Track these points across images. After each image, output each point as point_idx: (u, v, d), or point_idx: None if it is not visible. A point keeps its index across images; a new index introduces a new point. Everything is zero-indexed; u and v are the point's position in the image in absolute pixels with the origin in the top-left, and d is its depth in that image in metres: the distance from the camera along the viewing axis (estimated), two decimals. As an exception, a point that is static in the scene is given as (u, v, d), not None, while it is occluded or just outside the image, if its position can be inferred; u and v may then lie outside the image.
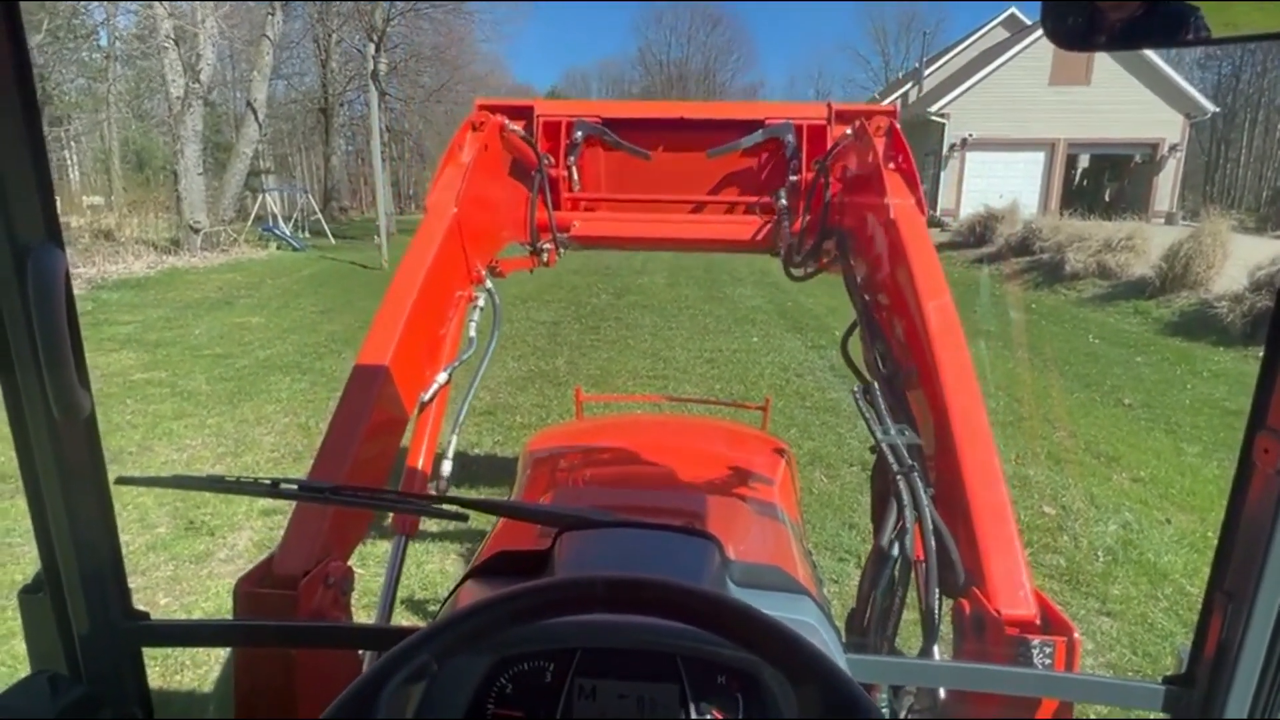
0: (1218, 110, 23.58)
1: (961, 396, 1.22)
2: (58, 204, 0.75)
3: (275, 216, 18.94)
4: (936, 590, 1.02)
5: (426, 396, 1.46)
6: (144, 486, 0.87)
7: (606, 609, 0.58)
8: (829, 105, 2.09)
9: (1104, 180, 23.47)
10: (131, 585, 0.86)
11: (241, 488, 0.85)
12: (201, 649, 2.64)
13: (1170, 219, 18.84)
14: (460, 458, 1.60)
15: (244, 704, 1.00)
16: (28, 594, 0.83)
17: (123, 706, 0.81)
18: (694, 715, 0.72)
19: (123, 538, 0.86)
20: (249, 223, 17.76)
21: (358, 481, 1.09)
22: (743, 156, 2.12)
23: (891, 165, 1.59)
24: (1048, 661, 0.88)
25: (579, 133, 2.13)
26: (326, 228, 20.18)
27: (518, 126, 1.96)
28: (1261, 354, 0.70)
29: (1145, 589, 3.29)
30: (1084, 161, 23.60)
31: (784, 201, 2.07)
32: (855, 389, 1.28)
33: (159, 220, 15.39)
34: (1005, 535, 1.07)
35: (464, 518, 0.85)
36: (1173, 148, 20.56)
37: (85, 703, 0.77)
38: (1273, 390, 0.69)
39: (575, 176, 2.17)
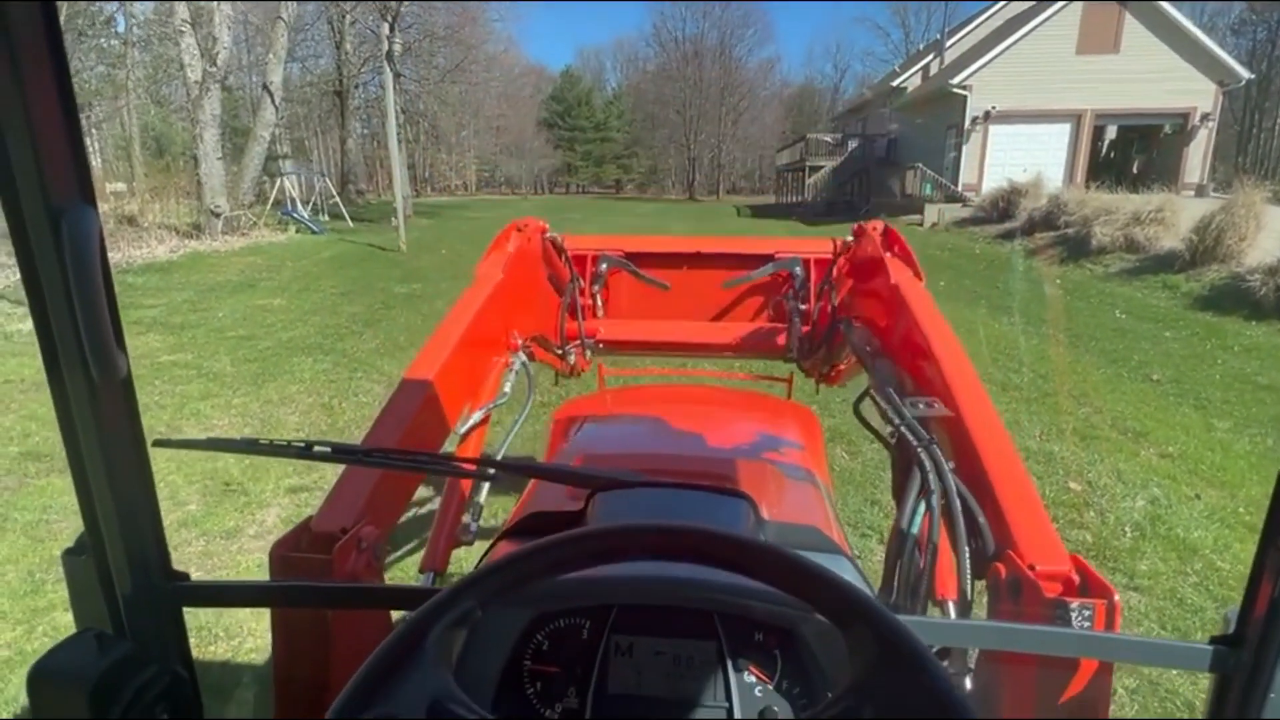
0: (1252, 77, 22.77)
1: (975, 405, 1.26)
2: (104, 236, 0.75)
3: (293, 200, 19.03)
4: (966, 550, 1.01)
5: (462, 429, 1.55)
6: (180, 449, 0.88)
7: (656, 556, 0.57)
8: (834, 241, 2.28)
9: (1132, 152, 22.83)
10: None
11: (275, 450, 0.86)
12: (238, 625, 2.70)
13: (1201, 191, 18.33)
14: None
15: (282, 666, 1.02)
16: (71, 555, 0.84)
17: (166, 663, 0.83)
18: (732, 672, 0.72)
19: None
20: (268, 207, 17.88)
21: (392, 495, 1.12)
22: (754, 283, 2.39)
23: (889, 254, 1.79)
24: (1087, 625, 0.86)
25: (604, 265, 2.40)
26: (344, 211, 20.27)
27: (558, 236, 2.19)
28: None
29: (1174, 564, 3.25)
30: (1111, 133, 22.96)
31: (792, 305, 2.31)
32: (870, 391, 1.34)
33: (180, 205, 15.55)
34: (1034, 508, 1.06)
35: (497, 479, 0.85)
36: (1204, 117, 19.91)
37: (130, 659, 0.79)
38: None
39: (599, 303, 2.44)
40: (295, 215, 17.71)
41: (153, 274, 10.76)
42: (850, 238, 2.10)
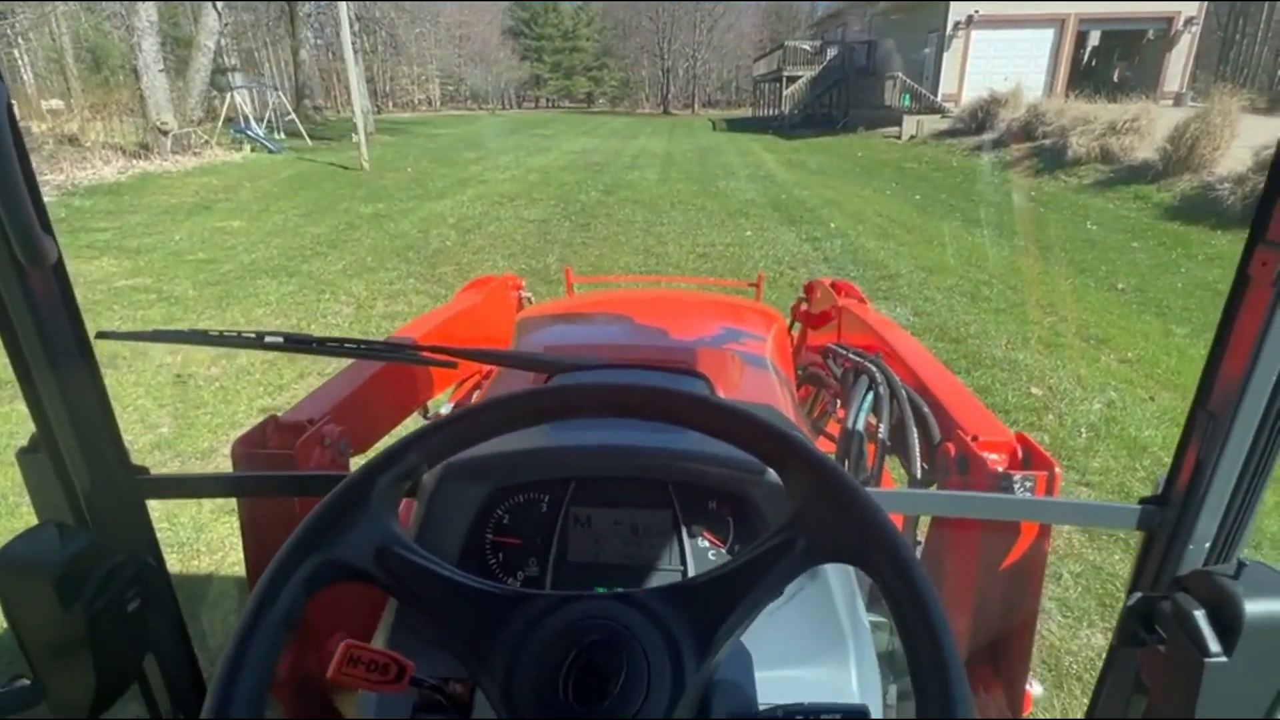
0: (1240, -21, 22.16)
1: (914, 347, 1.37)
2: (14, 109, 0.69)
3: (246, 117, 18.02)
4: (915, 431, 1.05)
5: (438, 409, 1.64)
6: (125, 341, 0.86)
7: (598, 414, 0.58)
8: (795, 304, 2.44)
9: (1114, 59, 22.38)
10: None
11: (225, 340, 0.84)
12: (219, 541, 2.74)
13: (1179, 100, 18.11)
14: None
15: (252, 561, 1.04)
16: (26, 454, 0.83)
17: (133, 554, 0.84)
18: (686, 538, 0.75)
19: (127, 438, 0.86)
20: (219, 124, 16.94)
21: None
22: None
23: (840, 297, 2.01)
24: (1029, 495, 0.91)
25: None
26: (302, 128, 19.30)
27: (531, 295, 2.34)
28: None
29: (1124, 461, 3.41)
30: (1094, 39, 22.40)
31: None
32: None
33: (124, 124, 14.64)
34: (975, 404, 1.13)
35: (453, 365, 0.85)
36: (1188, 21, 19.46)
37: (94, 550, 0.79)
38: (1274, 203, 0.67)
39: None
40: (249, 133, 16.82)
41: (100, 196, 10.25)
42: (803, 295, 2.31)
